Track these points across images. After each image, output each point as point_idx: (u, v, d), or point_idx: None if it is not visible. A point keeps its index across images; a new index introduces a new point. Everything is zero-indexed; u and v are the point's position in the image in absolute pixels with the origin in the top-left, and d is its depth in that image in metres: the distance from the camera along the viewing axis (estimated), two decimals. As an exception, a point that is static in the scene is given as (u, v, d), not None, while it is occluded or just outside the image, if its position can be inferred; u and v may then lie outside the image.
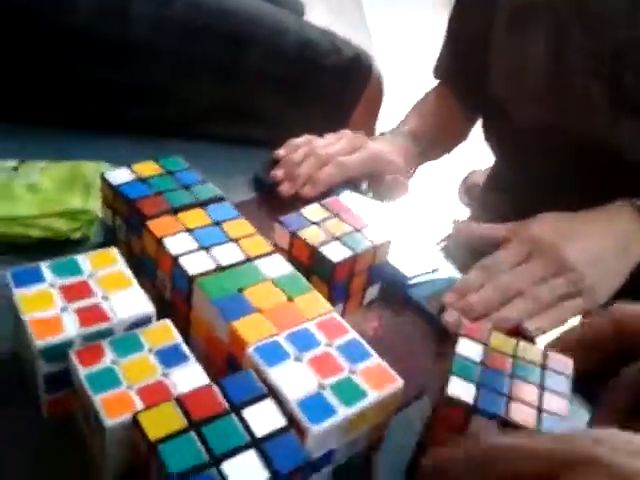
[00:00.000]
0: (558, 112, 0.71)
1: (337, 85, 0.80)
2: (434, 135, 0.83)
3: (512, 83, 0.75)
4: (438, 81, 0.91)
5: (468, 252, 0.81)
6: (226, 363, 0.43)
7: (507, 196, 0.87)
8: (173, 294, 0.48)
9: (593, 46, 0.67)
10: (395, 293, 0.56)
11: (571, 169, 0.73)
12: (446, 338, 0.53)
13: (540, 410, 0.38)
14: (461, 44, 0.85)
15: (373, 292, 0.55)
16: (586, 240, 0.59)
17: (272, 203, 0.65)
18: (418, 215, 0.67)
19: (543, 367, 0.41)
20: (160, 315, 0.42)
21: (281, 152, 0.69)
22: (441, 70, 0.90)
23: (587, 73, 0.67)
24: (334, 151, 0.67)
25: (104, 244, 0.54)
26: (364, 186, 0.71)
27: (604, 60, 0.66)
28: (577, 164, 0.72)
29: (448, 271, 0.60)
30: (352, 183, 0.68)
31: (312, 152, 0.66)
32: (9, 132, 0.64)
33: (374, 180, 0.71)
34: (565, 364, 0.41)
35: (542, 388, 0.40)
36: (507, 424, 0.37)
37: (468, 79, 0.84)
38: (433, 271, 0.59)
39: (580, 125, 0.70)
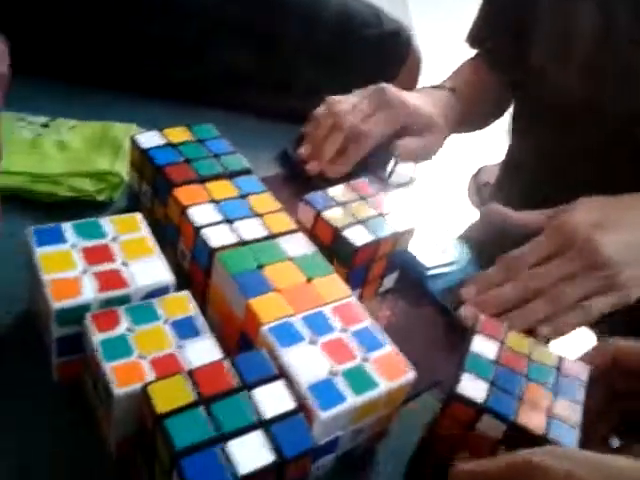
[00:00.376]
0: (599, 83, 0.68)
1: (376, 58, 0.78)
2: (474, 98, 0.79)
3: (556, 48, 0.72)
4: (474, 53, 0.87)
5: (492, 243, 0.80)
6: (239, 340, 0.43)
7: (521, 192, 0.84)
8: (192, 265, 0.48)
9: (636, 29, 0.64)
10: (412, 283, 0.56)
11: (599, 156, 0.70)
12: (461, 333, 0.52)
13: (552, 416, 0.37)
14: (498, 7, 0.81)
15: (390, 280, 0.55)
16: (627, 231, 0.55)
17: (297, 181, 0.64)
18: (438, 207, 0.66)
19: (558, 371, 0.40)
20: (179, 287, 0.42)
21: (307, 128, 0.67)
22: (475, 36, 0.84)
23: (635, 45, 0.64)
24: (358, 117, 0.64)
25: (128, 209, 0.54)
26: (396, 150, 0.68)
27: None
28: (605, 150, 0.69)
29: (467, 264, 0.59)
30: (384, 146, 0.66)
31: (336, 125, 0.64)
32: (42, 88, 0.63)
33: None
34: (581, 370, 0.41)
35: (556, 393, 0.39)
36: (515, 428, 0.36)
37: (503, 45, 0.80)
38: (452, 263, 0.58)
39: (619, 101, 0.67)
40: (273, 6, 0.72)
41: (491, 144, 0.89)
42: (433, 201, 0.69)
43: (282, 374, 0.37)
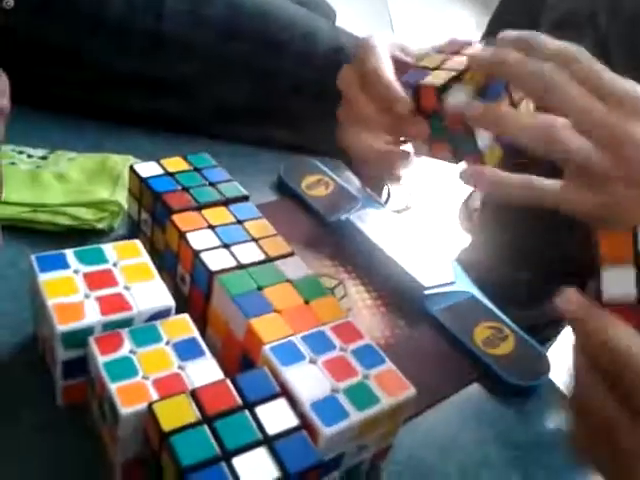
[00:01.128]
0: None
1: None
2: None
3: None
4: None
5: (485, 266, 0.81)
6: (240, 361, 0.43)
7: (509, 216, 0.85)
8: (191, 290, 0.48)
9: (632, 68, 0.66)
10: (411, 303, 0.56)
11: None
12: (461, 353, 0.53)
13: None
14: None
15: None
16: None
17: (291, 208, 0.65)
18: (434, 229, 0.67)
19: None
20: (177, 311, 0.42)
21: None
22: None
23: None
24: None
25: (127, 237, 0.54)
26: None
27: None
28: None
29: (465, 284, 0.60)
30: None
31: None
32: (41, 121, 0.65)
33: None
34: None
35: None
36: None
37: None
38: (450, 283, 0.59)
39: None
40: (269, 43, 0.74)
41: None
42: (429, 223, 0.70)
43: (284, 392, 0.37)
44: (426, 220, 0.73)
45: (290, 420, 0.36)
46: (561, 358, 0.54)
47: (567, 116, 0.42)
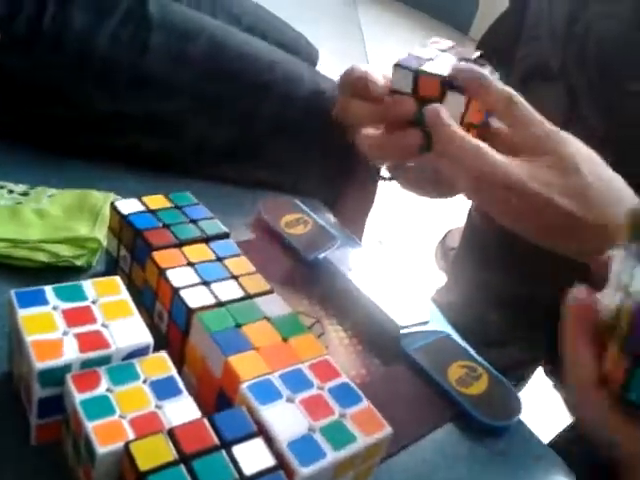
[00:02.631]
0: None
1: (344, 135, 0.82)
2: None
3: None
4: None
5: (459, 306, 0.82)
6: (216, 399, 0.44)
7: (483, 258, 0.87)
8: (169, 327, 0.48)
9: (600, 118, 0.68)
10: (387, 342, 0.57)
11: None
12: (435, 393, 0.53)
13: None
14: None
15: None
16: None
17: (270, 246, 0.66)
18: (408, 268, 0.68)
19: None
20: (155, 349, 0.42)
21: None
22: None
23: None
24: None
25: (105, 274, 0.55)
26: None
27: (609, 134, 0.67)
28: None
29: (439, 324, 0.61)
30: None
31: None
32: (23, 157, 0.65)
33: None
34: None
35: None
36: None
37: None
38: (425, 323, 0.60)
39: None
40: (250, 85, 0.75)
41: (458, 207, 0.93)
42: (403, 263, 0.71)
43: (261, 431, 0.38)
44: (402, 259, 0.74)
45: (267, 460, 0.36)
46: (532, 398, 0.55)
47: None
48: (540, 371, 0.93)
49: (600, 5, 0.68)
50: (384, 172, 0.71)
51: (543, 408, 1.03)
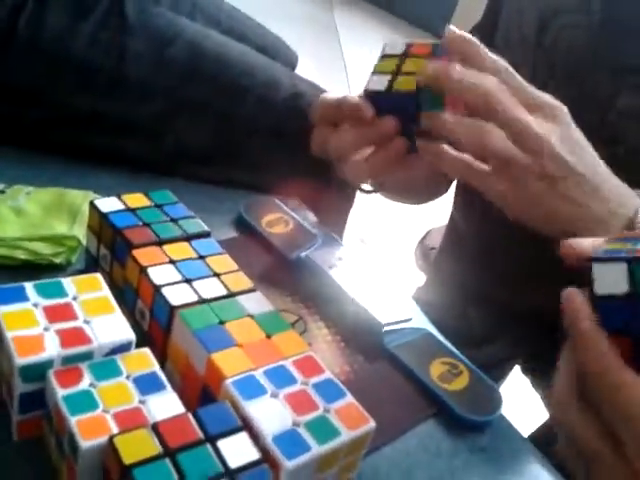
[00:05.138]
0: None
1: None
2: None
3: None
4: None
5: (439, 304, 0.82)
6: (200, 396, 0.43)
7: (465, 259, 0.88)
8: (151, 325, 0.48)
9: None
10: (369, 339, 0.57)
11: None
12: (418, 389, 0.54)
13: None
14: None
15: None
16: None
17: (252, 244, 0.66)
18: (390, 267, 0.68)
19: None
20: (136, 348, 0.42)
21: None
22: None
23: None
24: None
25: (84, 272, 0.54)
26: None
27: None
28: None
29: (421, 321, 0.61)
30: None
31: None
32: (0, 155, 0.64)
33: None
34: None
35: None
36: None
37: None
38: (407, 320, 0.60)
39: None
40: (229, 87, 0.75)
41: (438, 206, 0.93)
42: (385, 261, 0.71)
43: (246, 426, 0.38)
44: (384, 257, 0.74)
45: (252, 454, 0.36)
46: (512, 394, 0.56)
47: (499, 122, 0.50)
48: (517, 369, 0.94)
49: (569, 15, 0.70)
50: (365, 186, 0.72)
51: (522, 403, 1.04)
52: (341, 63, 3.04)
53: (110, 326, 0.41)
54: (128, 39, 0.70)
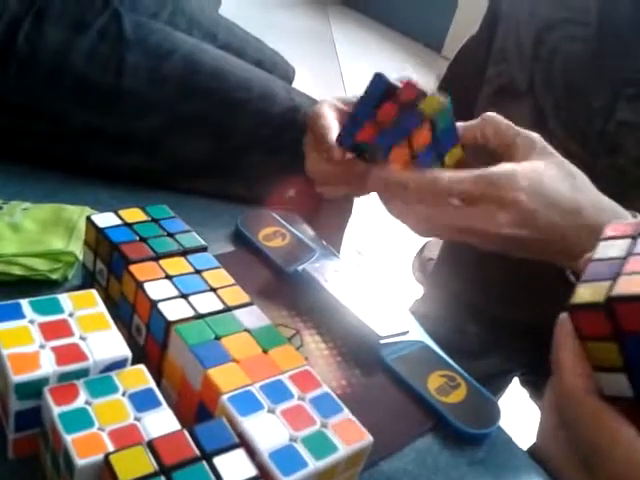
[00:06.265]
0: None
1: None
2: None
3: None
4: None
5: (437, 317, 0.82)
6: (196, 412, 0.43)
7: (462, 270, 0.87)
8: (147, 340, 0.48)
9: (568, 137, 0.70)
10: (366, 352, 0.57)
11: None
12: (415, 402, 0.53)
13: None
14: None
15: None
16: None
17: (249, 257, 0.66)
18: (387, 279, 0.68)
19: None
20: (132, 363, 0.42)
21: None
22: None
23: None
24: None
25: (81, 287, 0.54)
26: None
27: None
28: None
29: (418, 334, 0.61)
30: None
31: None
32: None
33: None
34: None
35: None
36: None
37: None
38: (404, 333, 0.60)
39: None
40: (226, 101, 0.76)
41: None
42: (382, 274, 0.71)
43: (242, 442, 0.37)
44: (381, 270, 0.74)
45: (248, 470, 0.36)
46: (511, 407, 0.55)
47: None
48: (516, 381, 0.93)
49: (566, 28, 0.70)
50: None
51: (521, 416, 1.04)
52: (338, 76, 3.05)
53: (106, 343, 0.41)
54: (126, 54, 0.71)
